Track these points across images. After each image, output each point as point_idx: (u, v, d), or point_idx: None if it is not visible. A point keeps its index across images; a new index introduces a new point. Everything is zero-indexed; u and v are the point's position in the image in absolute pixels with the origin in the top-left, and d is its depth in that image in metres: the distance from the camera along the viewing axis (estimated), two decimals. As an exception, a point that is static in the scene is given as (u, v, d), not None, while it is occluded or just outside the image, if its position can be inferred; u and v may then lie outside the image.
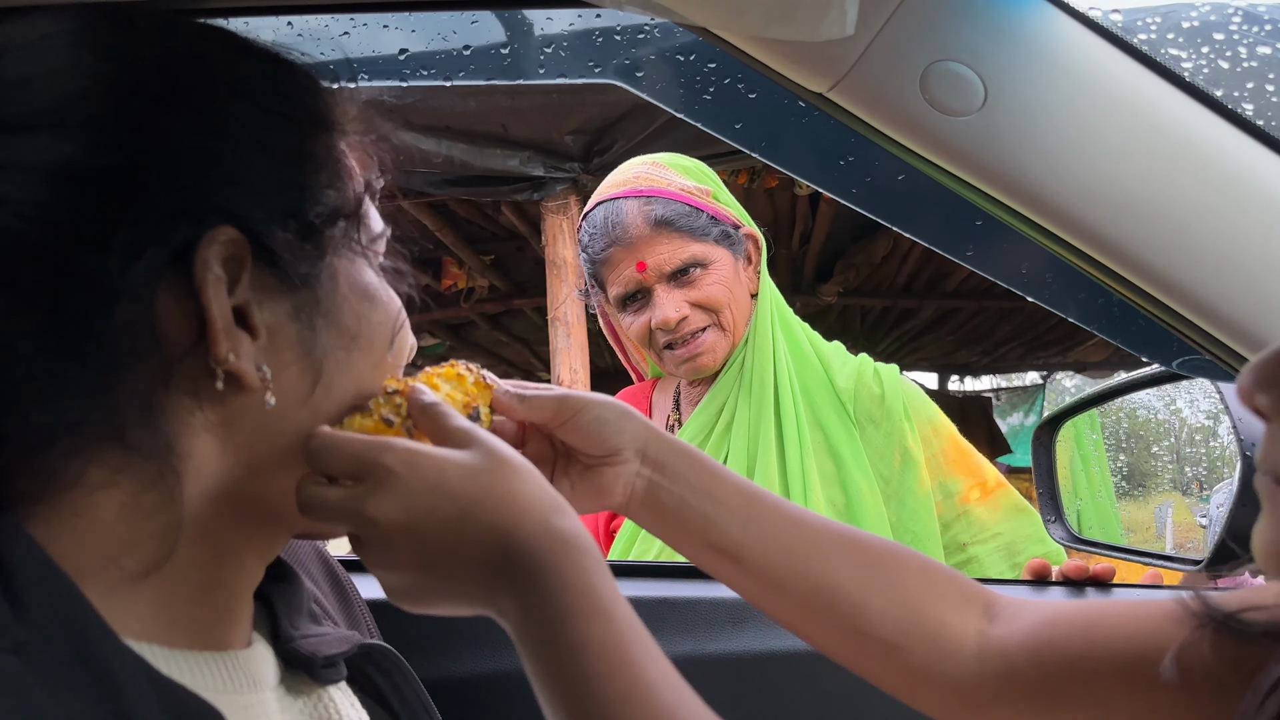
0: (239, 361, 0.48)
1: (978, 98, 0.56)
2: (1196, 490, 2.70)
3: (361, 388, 0.55)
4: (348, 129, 0.56)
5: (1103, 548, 1.27)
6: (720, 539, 0.66)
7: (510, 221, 4.76)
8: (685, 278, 1.38)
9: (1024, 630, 0.65)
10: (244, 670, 0.52)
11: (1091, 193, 0.57)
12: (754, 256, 1.46)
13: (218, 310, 0.47)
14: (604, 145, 3.56)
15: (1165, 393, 1.40)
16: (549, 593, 0.48)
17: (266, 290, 0.50)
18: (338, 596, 0.73)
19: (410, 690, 0.66)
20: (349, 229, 0.54)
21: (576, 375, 3.77)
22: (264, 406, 0.50)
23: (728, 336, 1.41)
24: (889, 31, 0.55)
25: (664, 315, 1.37)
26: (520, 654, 0.49)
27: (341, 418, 0.54)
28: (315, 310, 0.52)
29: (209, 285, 0.47)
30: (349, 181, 0.55)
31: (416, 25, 0.74)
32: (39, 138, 0.45)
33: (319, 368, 0.52)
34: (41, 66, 0.46)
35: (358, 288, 0.55)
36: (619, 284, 1.41)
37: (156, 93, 0.48)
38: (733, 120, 0.77)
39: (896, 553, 0.69)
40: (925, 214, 0.79)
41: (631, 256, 1.38)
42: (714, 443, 1.42)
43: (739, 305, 1.42)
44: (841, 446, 1.38)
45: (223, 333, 0.47)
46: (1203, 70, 0.58)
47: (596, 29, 0.75)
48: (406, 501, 0.50)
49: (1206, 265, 0.57)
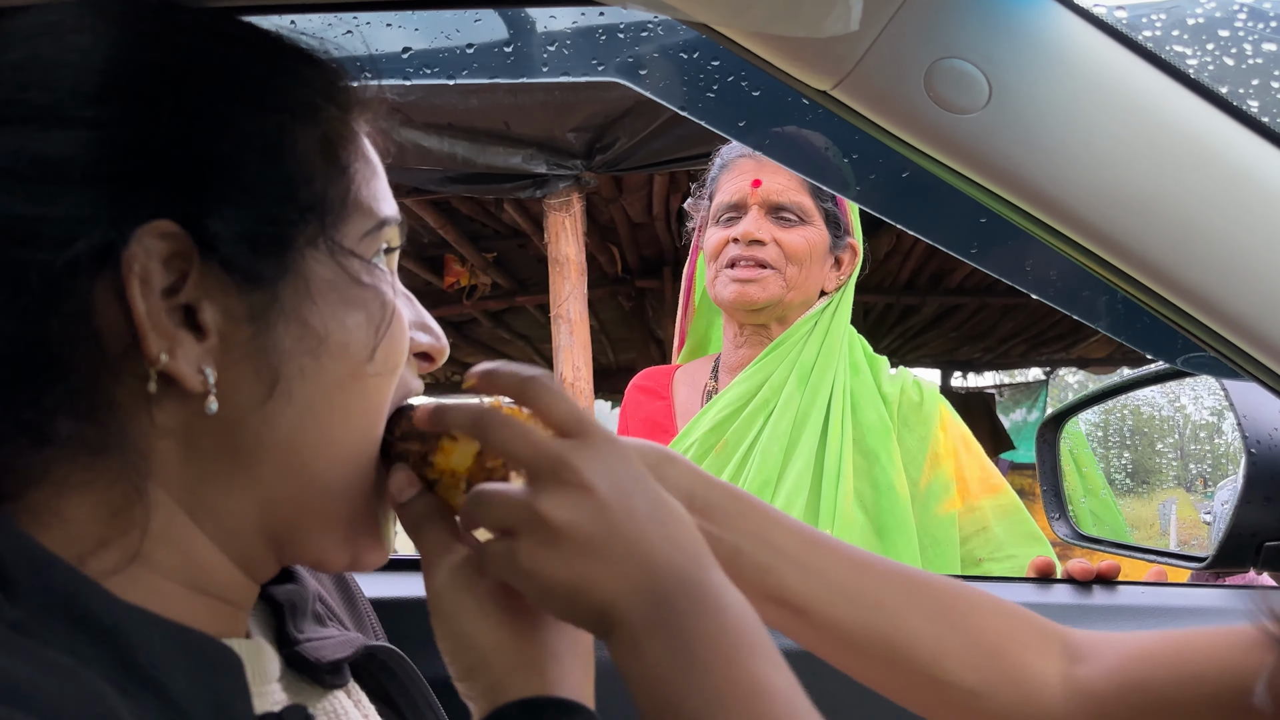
0: (174, 362, 0.46)
1: (982, 95, 0.56)
2: (1201, 487, 2.70)
3: (333, 398, 0.51)
4: (352, 120, 0.53)
5: (1107, 545, 1.27)
6: (780, 590, 0.62)
7: (512, 219, 4.76)
8: (783, 218, 1.47)
9: (1109, 669, 0.63)
10: (249, 659, 0.51)
11: (1096, 189, 0.57)
12: (845, 264, 1.54)
13: (144, 309, 0.45)
14: (606, 143, 3.55)
15: (1169, 390, 1.40)
16: (729, 620, 0.46)
17: (219, 288, 0.47)
18: (343, 596, 0.72)
19: (416, 690, 0.65)
20: (326, 225, 0.50)
21: (579, 373, 3.76)
22: (205, 410, 0.47)
23: (783, 290, 1.47)
24: (893, 28, 0.55)
25: (747, 228, 1.46)
26: (645, 675, 0.47)
27: (309, 430, 0.50)
28: (274, 311, 0.48)
29: (133, 282, 0.45)
30: (332, 174, 0.51)
31: (420, 24, 0.74)
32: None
33: (275, 373, 0.48)
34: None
35: (331, 289, 0.50)
36: (728, 191, 1.50)
37: (87, 80, 0.46)
38: (736, 118, 0.77)
39: (968, 595, 0.66)
40: (929, 211, 0.79)
41: (754, 171, 1.47)
42: (748, 416, 1.46)
43: (809, 276, 1.49)
44: (877, 445, 1.43)
45: (152, 331, 0.45)
46: (1208, 67, 0.58)
47: (599, 27, 0.75)
48: (606, 484, 0.48)
49: (1211, 262, 0.56)
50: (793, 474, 1.40)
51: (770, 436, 1.42)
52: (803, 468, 1.40)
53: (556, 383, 0.53)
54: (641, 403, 1.66)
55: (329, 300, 0.50)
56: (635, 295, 6.27)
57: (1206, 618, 1.00)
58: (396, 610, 0.87)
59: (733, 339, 1.58)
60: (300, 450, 0.50)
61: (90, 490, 0.46)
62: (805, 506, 1.38)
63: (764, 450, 1.42)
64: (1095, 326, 0.83)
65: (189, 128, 0.47)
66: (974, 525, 1.43)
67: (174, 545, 0.49)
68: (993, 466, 1.50)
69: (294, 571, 0.62)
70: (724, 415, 1.47)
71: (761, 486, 1.39)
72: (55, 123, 0.45)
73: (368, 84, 0.55)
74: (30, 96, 0.45)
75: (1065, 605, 1.01)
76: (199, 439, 0.48)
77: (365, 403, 0.53)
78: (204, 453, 0.48)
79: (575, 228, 3.77)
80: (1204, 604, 1.03)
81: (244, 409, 0.48)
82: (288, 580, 0.61)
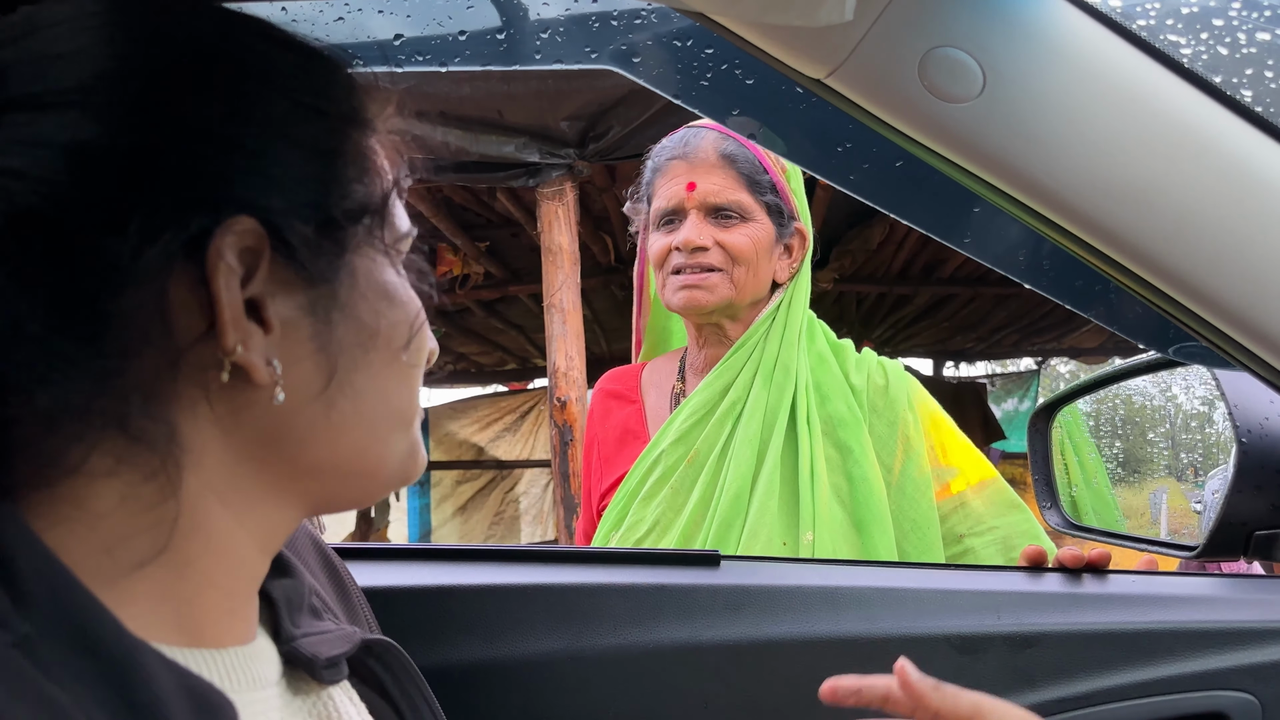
0: (248, 354, 0.47)
1: (976, 84, 0.56)
2: (1191, 476, 2.71)
3: (381, 386, 0.55)
4: (378, 125, 0.55)
5: (1098, 534, 1.28)
6: None
7: (505, 208, 4.75)
8: (723, 218, 1.43)
9: None
10: (243, 667, 0.52)
11: (1089, 179, 0.57)
12: (795, 250, 1.51)
13: (227, 301, 0.46)
14: (600, 131, 3.54)
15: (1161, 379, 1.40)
16: None
17: (283, 284, 0.49)
18: (335, 587, 0.72)
19: (411, 683, 0.66)
20: (373, 226, 0.54)
21: (572, 362, 3.76)
22: (272, 401, 0.49)
23: (731, 291, 1.44)
24: (888, 17, 0.55)
25: (687, 235, 1.42)
26: None
27: (381, 423, 0.55)
28: (332, 306, 0.51)
29: (220, 275, 0.46)
30: (376, 178, 0.54)
31: (411, 10, 0.74)
32: (62, 115, 0.44)
33: (334, 364, 0.52)
34: (70, 45, 0.45)
35: (377, 286, 0.54)
36: (664, 197, 1.46)
37: (184, 77, 0.47)
38: (730, 106, 0.77)
39: None
40: (923, 201, 0.79)
41: (686, 175, 1.44)
42: (716, 422, 1.44)
43: (757, 273, 1.45)
44: (849, 436, 1.41)
45: (231, 324, 0.47)
46: (1201, 56, 0.58)
47: (593, 14, 0.74)
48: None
49: (1205, 252, 0.57)
50: (764, 478, 1.37)
51: (741, 441, 1.40)
52: (772, 469, 1.37)
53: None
54: (612, 409, 1.62)
55: (375, 295, 0.54)
56: (628, 285, 6.25)
57: (1197, 607, 1.01)
58: (389, 599, 0.87)
59: (694, 339, 1.56)
60: (351, 436, 0.54)
61: (120, 482, 0.46)
62: (780, 510, 1.36)
63: (736, 456, 1.39)
64: (1088, 316, 0.83)
65: (274, 130, 0.49)
66: (951, 503, 1.41)
67: (206, 536, 0.50)
68: (966, 440, 1.48)
69: (289, 565, 0.62)
70: (691, 423, 1.44)
71: (737, 495, 1.37)
72: (149, 114, 0.45)
73: (392, 89, 0.57)
74: (137, 86, 0.46)
75: (1056, 594, 1.02)
76: (245, 429, 0.50)
77: (408, 390, 0.57)
78: (250, 443, 0.50)
79: (568, 217, 3.77)
80: (1194, 593, 1.04)
81: (301, 399, 0.51)
82: (283, 575, 0.61)
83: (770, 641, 0.96)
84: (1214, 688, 0.96)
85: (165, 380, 0.47)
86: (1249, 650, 0.96)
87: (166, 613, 0.49)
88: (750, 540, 1.33)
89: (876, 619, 0.97)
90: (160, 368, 0.46)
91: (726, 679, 0.95)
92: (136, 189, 0.44)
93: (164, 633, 0.48)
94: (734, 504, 1.36)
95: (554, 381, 3.75)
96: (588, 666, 0.94)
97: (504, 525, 8.84)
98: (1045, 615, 0.98)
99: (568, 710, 0.93)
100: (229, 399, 0.49)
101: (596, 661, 0.95)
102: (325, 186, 0.51)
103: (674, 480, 1.42)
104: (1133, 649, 0.97)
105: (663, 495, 1.42)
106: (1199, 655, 0.97)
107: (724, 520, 1.35)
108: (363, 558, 1.00)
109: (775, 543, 1.33)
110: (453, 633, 0.93)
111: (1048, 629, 0.97)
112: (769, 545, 1.33)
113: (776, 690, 0.95)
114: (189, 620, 0.50)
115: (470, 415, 8.81)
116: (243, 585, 0.54)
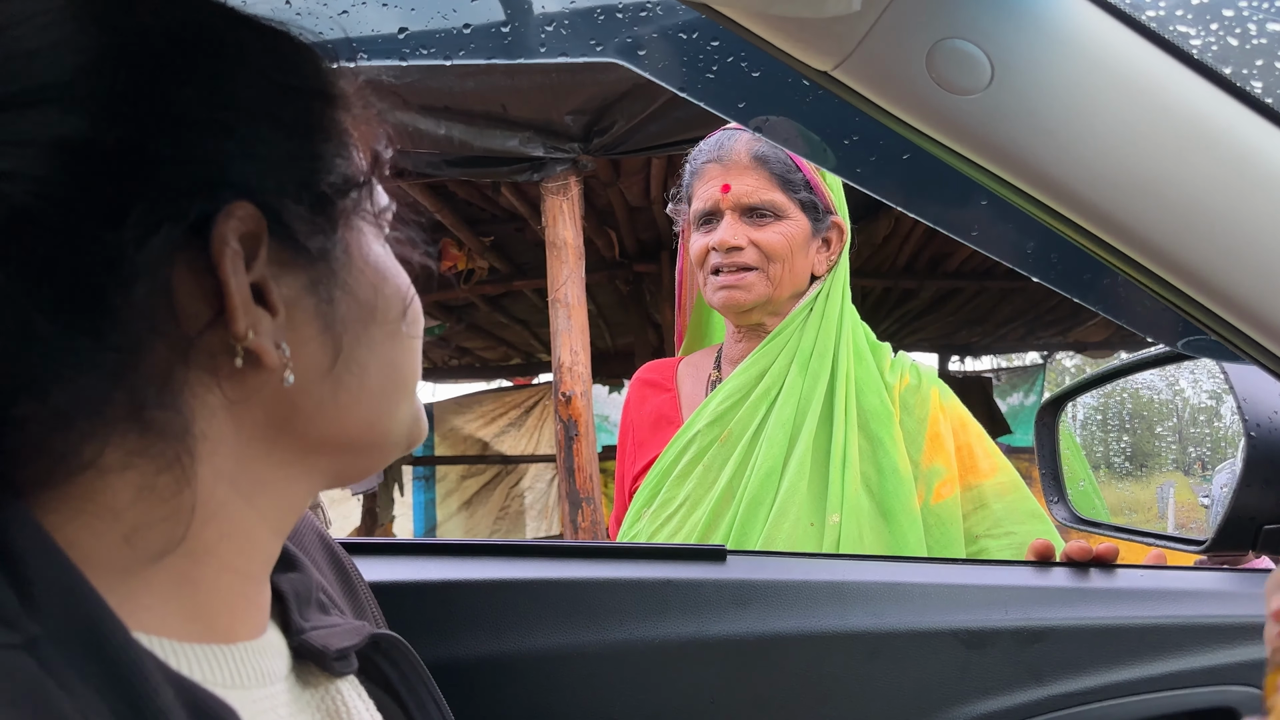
0: (258, 339, 0.48)
1: (985, 76, 0.55)
2: (1199, 470, 2.70)
3: (385, 359, 0.55)
4: (349, 104, 0.55)
5: (1105, 528, 1.27)
6: None
7: (510, 202, 4.75)
8: (758, 217, 1.48)
9: None
10: (253, 663, 0.52)
11: (1098, 171, 0.56)
12: (833, 243, 1.55)
13: (236, 286, 0.46)
14: (604, 125, 3.53)
15: (1168, 373, 1.40)
16: None
17: (282, 265, 0.50)
18: (342, 582, 0.72)
19: (418, 678, 0.66)
20: (360, 199, 0.54)
21: (577, 357, 3.76)
22: (283, 383, 0.49)
23: (769, 289, 1.49)
24: (895, 8, 0.55)
25: (723, 236, 1.48)
26: None
27: (386, 395, 0.56)
28: (332, 283, 0.52)
29: (227, 260, 0.46)
30: (356, 152, 0.55)
31: (416, 3, 0.74)
32: (46, 112, 0.44)
33: (339, 341, 0.52)
34: (44, 41, 0.45)
35: (370, 260, 0.55)
36: (702, 199, 1.52)
37: (162, 65, 0.47)
38: (735, 99, 0.76)
39: None
40: (930, 194, 0.78)
41: (722, 177, 1.49)
42: (751, 405, 1.47)
43: (794, 269, 1.50)
44: (881, 429, 1.44)
45: (241, 309, 0.47)
46: (1211, 47, 0.57)
47: (598, 7, 0.74)
48: None
49: (1214, 245, 0.56)
50: (795, 460, 1.41)
51: (775, 424, 1.44)
52: (804, 452, 1.41)
53: None
54: (647, 396, 1.67)
55: (370, 269, 0.54)
56: (633, 279, 6.26)
57: (1204, 601, 1.01)
58: (395, 594, 0.87)
59: (732, 334, 1.61)
60: (359, 410, 0.54)
61: (135, 474, 0.46)
62: (809, 491, 1.38)
63: (770, 438, 1.43)
64: (1095, 310, 0.83)
65: (258, 111, 0.49)
66: (972, 502, 1.45)
67: (221, 522, 0.50)
68: (993, 445, 1.52)
69: (296, 561, 0.62)
70: (726, 406, 1.48)
71: (768, 474, 1.40)
72: (134, 104, 0.45)
73: (359, 68, 0.57)
74: (121, 77, 0.45)
75: (1063, 588, 1.02)
76: (255, 413, 0.50)
77: (409, 359, 0.58)
78: (260, 425, 0.51)
79: (573, 211, 3.76)
80: (1202, 588, 1.04)
81: (309, 379, 0.51)
82: (290, 569, 0.61)
83: (777, 636, 0.96)
84: (1222, 682, 0.96)
85: (176, 370, 0.47)
86: (1257, 645, 0.95)
87: (182, 603, 0.48)
88: (779, 518, 1.36)
89: (883, 613, 0.97)
90: (171, 358, 0.46)
91: (733, 674, 0.95)
92: (131, 180, 0.44)
93: (177, 626, 0.48)
94: (764, 483, 1.39)
95: (559, 376, 3.75)
96: (594, 661, 0.94)
97: (509, 520, 8.86)
98: (1053, 610, 0.98)
99: (573, 705, 0.94)
100: (239, 384, 0.49)
101: (602, 656, 0.95)
102: (312, 164, 0.51)
103: (706, 459, 1.46)
104: (1140, 643, 0.97)
105: (695, 474, 1.45)
106: (1207, 650, 0.96)
107: (753, 498, 1.39)
108: (369, 553, 1.01)
109: (803, 523, 1.36)
110: (458, 627, 0.94)
111: (1055, 623, 0.97)
112: (796, 525, 1.36)
113: (783, 685, 0.95)
114: (204, 610, 0.50)
115: (475, 410, 8.83)
116: (257, 568, 0.54)
